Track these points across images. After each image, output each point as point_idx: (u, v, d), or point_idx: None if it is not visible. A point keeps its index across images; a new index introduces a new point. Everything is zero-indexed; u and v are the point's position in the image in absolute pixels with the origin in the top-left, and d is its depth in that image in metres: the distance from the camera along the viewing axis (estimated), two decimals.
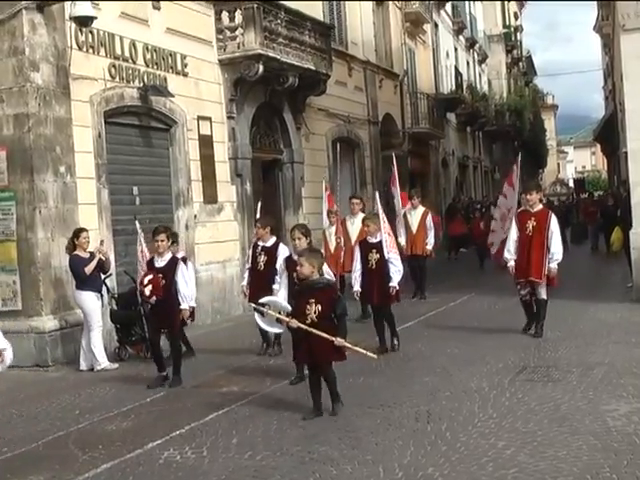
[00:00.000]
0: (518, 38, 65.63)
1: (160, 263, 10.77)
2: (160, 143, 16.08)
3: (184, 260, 12.01)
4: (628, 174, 16.63)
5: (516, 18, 67.47)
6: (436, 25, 37.57)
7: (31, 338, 12.36)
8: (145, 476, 6.94)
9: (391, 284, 11.66)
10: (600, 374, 9.60)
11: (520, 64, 68.25)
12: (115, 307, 13.00)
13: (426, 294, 17.94)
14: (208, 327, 15.64)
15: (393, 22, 29.48)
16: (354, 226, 15.80)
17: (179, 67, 16.34)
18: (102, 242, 12.72)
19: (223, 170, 17.71)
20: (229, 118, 17.93)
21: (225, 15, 17.75)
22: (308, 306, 8.28)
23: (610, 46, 38.40)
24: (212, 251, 16.93)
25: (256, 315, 8.89)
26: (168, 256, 10.84)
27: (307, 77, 19.83)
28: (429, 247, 18.00)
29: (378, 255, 11.76)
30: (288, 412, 8.77)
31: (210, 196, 17.15)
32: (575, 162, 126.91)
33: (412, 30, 32.24)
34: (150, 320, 11.16)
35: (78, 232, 12.30)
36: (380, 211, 12.28)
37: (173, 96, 15.76)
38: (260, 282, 11.76)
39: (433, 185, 34.51)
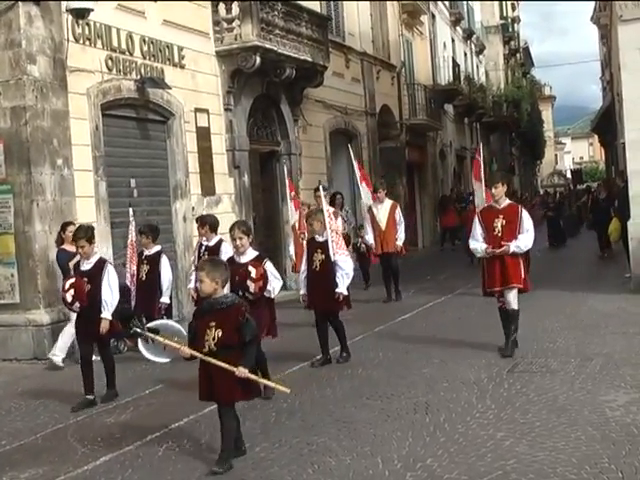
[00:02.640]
0: (515, 29, 65.60)
1: (85, 266, 9.55)
2: (157, 135, 16.06)
3: (159, 254, 11.83)
4: (626, 164, 16.62)
5: (513, 9, 67.36)
6: (433, 16, 37.50)
7: (29, 331, 12.36)
8: (144, 468, 6.94)
9: (337, 290, 10.47)
10: (598, 365, 9.61)
11: (517, 55, 68.26)
12: None
13: (402, 294, 16.76)
14: None
15: (390, 13, 29.43)
16: None
17: (176, 59, 16.31)
18: None
19: (221, 162, 17.70)
20: (226, 110, 17.91)
21: (222, 7, 17.72)
22: (208, 331, 6.70)
23: (608, 37, 38.34)
24: None
25: (140, 343, 7.44)
26: (95, 258, 9.61)
27: (304, 69, 19.81)
28: (399, 243, 16.61)
29: (323, 256, 10.57)
30: (286, 404, 8.78)
31: (208, 188, 17.14)
32: (573, 153, 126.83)
33: (409, 21, 32.20)
34: (77, 331, 9.94)
35: (65, 225, 12.08)
36: (324, 207, 11.06)
37: (170, 88, 15.74)
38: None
39: (431, 176, 34.53)
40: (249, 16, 17.58)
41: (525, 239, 10.34)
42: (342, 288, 10.51)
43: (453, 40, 43.13)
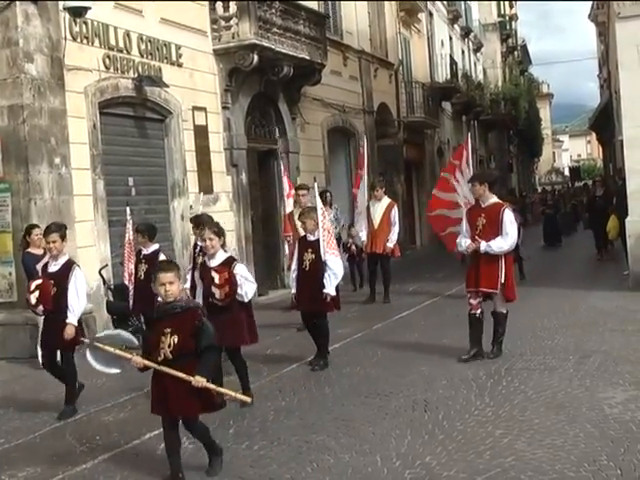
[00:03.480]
0: (513, 27, 65.57)
1: (53, 267, 9.04)
2: (155, 134, 16.05)
3: (157, 253, 11.25)
4: (624, 162, 16.63)
5: (511, 7, 67.35)
6: (431, 14, 37.46)
7: (27, 330, 12.32)
8: (142, 467, 6.93)
9: (325, 290, 10.17)
10: (597, 362, 9.62)
11: (515, 53, 68.22)
12: (111, 298, 12.98)
13: (390, 297, 16.14)
14: None
15: (388, 11, 29.41)
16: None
17: (174, 57, 16.30)
18: None
19: (218, 160, 17.69)
20: (224, 108, 17.90)
21: (219, 5, 17.71)
22: (163, 338, 6.24)
23: (605, 34, 38.37)
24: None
25: (87, 353, 6.90)
26: (63, 260, 9.06)
27: (302, 67, 19.79)
28: (390, 244, 16.11)
29: (313, 255, 10.34)
30: (285, 402, 8.79)
31: (206, 186, 17.13)
32: (570, 151, 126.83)
33: (407, 19, 32.17)
34: (41, 337, 9.37)
35: (30, 229, 11.66)
36: (318, 205, 10.67)
37: (168, 86, 15.73)
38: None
39: (428, 174, 34.46)
40: (247, 14, 17.56)
41: (500, 242, 9.92)
42: (330, 289, 10.22)
43: (451, 38, 43.10)
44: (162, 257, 11.57)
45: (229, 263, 8.65)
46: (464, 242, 10.24)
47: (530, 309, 13.92)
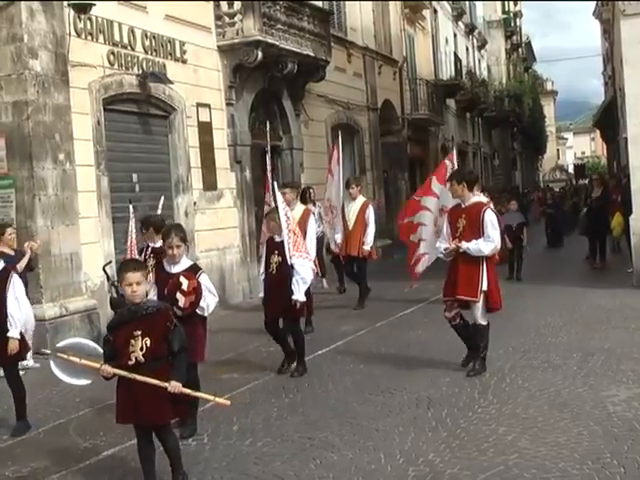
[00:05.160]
0: (517, 24, 65.52)
1: None
2: (159, 130, 16.05)
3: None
4: (628, 159, 16.61)
5: (515, 4, 67.30)
6: (435, 11, 37.47)
7: None
8: None
9: (293, 297, 9.59)
10: (600, 360, 9.62)
11: (519, 50, 68.20)
12: (115, 295, 12.96)
13: (366, 303, 15.30)
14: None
15: (392, 8, 29.39)
16: None
17: (178, 54, 16.29)
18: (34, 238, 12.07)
19: (222, 157, 17.68)
20: (228, 105, 17.89)
21: (224, 1, 17.70)
22: (133, 341, 5.91)
23: (610, 31, 38.33)
24: (212, 238, 16.92)
25: (52, 364, 6.53)
26: None
27: (306, 63, 19.77)
28: (366, 247, 14.93)
29: (280, 258, 9.73)
30: (288, 399, 8.80)
31: (210, 183, 17.14)
32: (575, 148, 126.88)
33: (411, 16, 32.16)
34: None
35: (3, 228, 11.26)
36: (280, 205, 9.88)
37: (172, 83, 15.72)
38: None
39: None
40: (251, 11, 17.55)
41: (481, 244, 9.07)
42: (298, 294, 9.62)
43: (455, 35, 43.10)
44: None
45: (195, 271, 7.87)
46: (443, 247, 9.44)
47: (533, 307, 13.94)
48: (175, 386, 5.87)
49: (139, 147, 15.41)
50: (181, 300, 7.58)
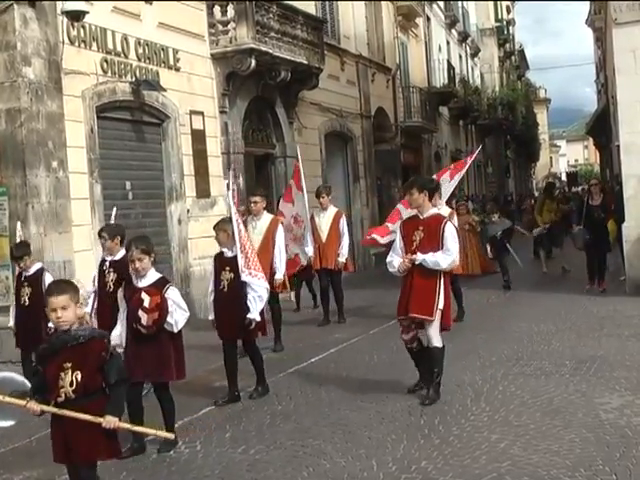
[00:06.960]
0: (510, 32, 65.69)
1: None
2: (153, 138, 16.06)
3: (41, 272, 10.31)
4: (620, 167, 16.65)
5: (508, 12, 67.49)
6: (428, 19, 37.56)
7: None
8: (138, 471, 6.94)
9: (249, 315, 8.97)
10: (593, 367, 9.62)
11: (512, 58, 68.38)
12: None
13: (345, 316, 14.62)
14: (199, 322, 15.59)
15: (385, 16, 29.46)
16: (256, 230, 11.88)
17: (171, 62, 16.31)
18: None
19: (216, 164, 17.70)
20: (221, 112, 17.91)
21: (217, 9, 17.73)
22: (62, 374, 5.20)
23: (602, 40, 38.42)
24: (205, 245, 16.84)
25: None
26: None
27: (299, 71, 19.82)
28: (341, 259, 14.29)
29: (232, 274, 9.03)
30: (281, 406, 8.79)
31: (203, 190, 17.14)
32: (568, 156, 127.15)
33: (404, 24, 32.24)
34: None
35: None
36: (234, 215, 9.21)
37: (165, 90, 15.74)
38: (108, 309, 8.99)
39: None
40: (244, 19, 17.59)
41: (439, 257, 8.35)
42: (254, 313, 9.01)
43: (448, 42, 43.20)
44: (48, 277, 10.14)
45: (162, 285, 7.43)
46: (396, 261, 8.60)
47: (526, 314, 13.95)
48: (110, 421, 5.19)
49: (132, 155, 15.42)
50: (143, 318, 7.22)
